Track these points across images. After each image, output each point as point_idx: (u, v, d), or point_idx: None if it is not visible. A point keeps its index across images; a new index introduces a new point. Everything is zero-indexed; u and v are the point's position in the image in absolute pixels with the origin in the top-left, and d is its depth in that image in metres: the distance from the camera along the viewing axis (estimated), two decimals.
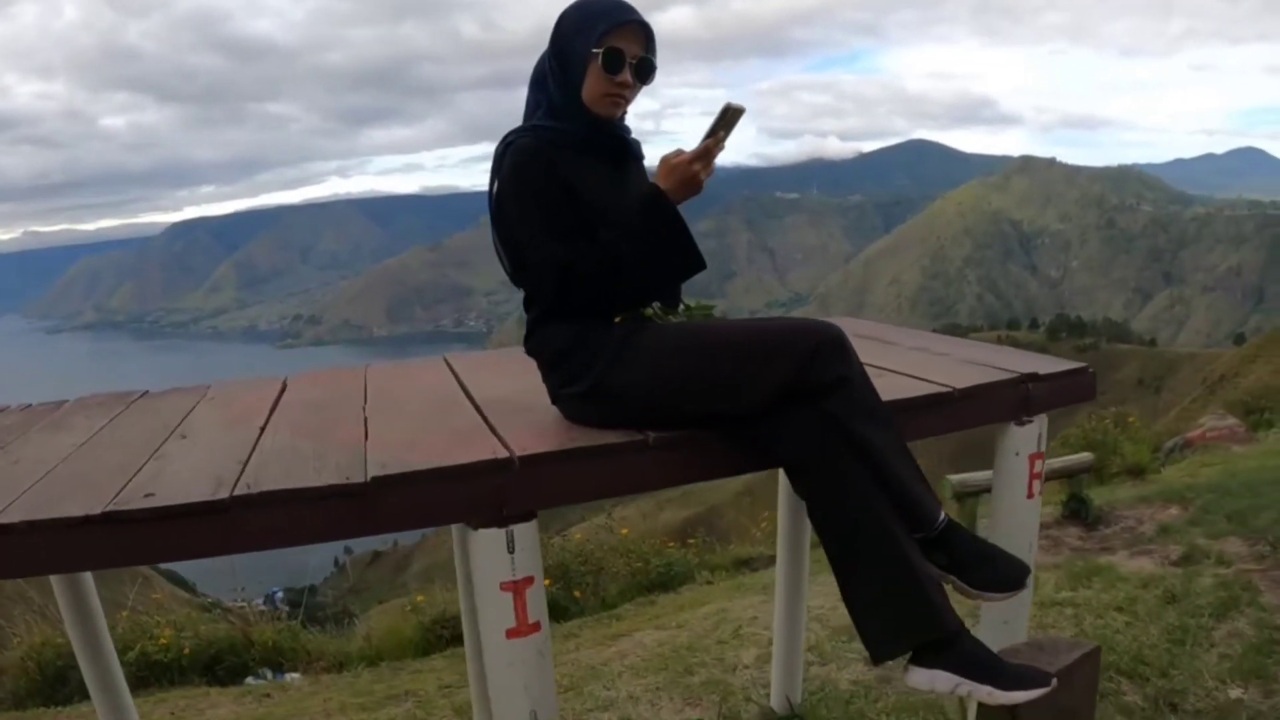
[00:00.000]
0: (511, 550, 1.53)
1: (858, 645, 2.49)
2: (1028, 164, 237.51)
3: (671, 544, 5.93)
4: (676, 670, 3.46)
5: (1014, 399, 2.02)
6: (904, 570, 1.60)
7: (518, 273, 1.84)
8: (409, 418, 2.00)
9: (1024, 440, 2.03)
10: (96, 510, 1.50)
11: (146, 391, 2.68)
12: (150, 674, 4.52)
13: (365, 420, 2.00)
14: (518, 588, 1.53)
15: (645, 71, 1.82)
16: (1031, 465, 2.05)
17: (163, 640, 4.59)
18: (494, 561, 1.53)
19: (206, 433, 2.05)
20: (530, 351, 1.89)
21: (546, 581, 4.69)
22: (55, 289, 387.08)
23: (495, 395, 2.13)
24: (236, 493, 1.52)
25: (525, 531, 1.55)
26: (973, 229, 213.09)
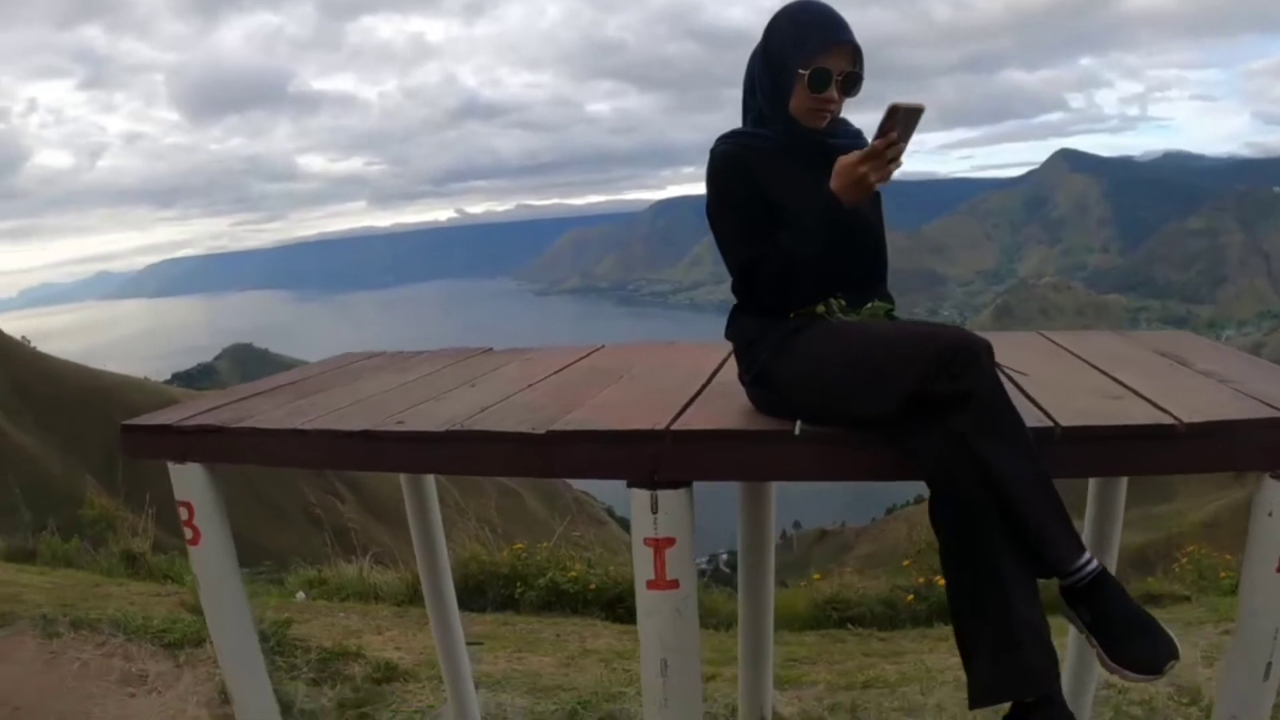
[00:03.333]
0: (655, 511, 1.70)
1: None
2: None
3: None
4: None
5: (1270, 444, 1.65)
6: (1003, 620, 1.52)
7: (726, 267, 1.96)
8: (645, 389, 2.21)
9: (1278, 497, 1.65)
10: (358, 428, 2.01)
11: (490, 349, 3.18)
12: (556, 600, 5.19)
13: (608, 387, 2.26)
14: (658, 545, 1.70)
15: (851, 85, 1.85)
16: None
17: (572, 573, 5.23)
18: (642, 518, 1.72)
19: (491, 384, 2.44)
20: (728, 338, 2.01)
21: (941, 580, 4.67)
22: (545, 256, 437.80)
23: (732, 378, 2.23)
24: (451, 429, 1.90)
25: (671, 497, 1.70)
26: None
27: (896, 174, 1.75)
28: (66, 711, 3.73)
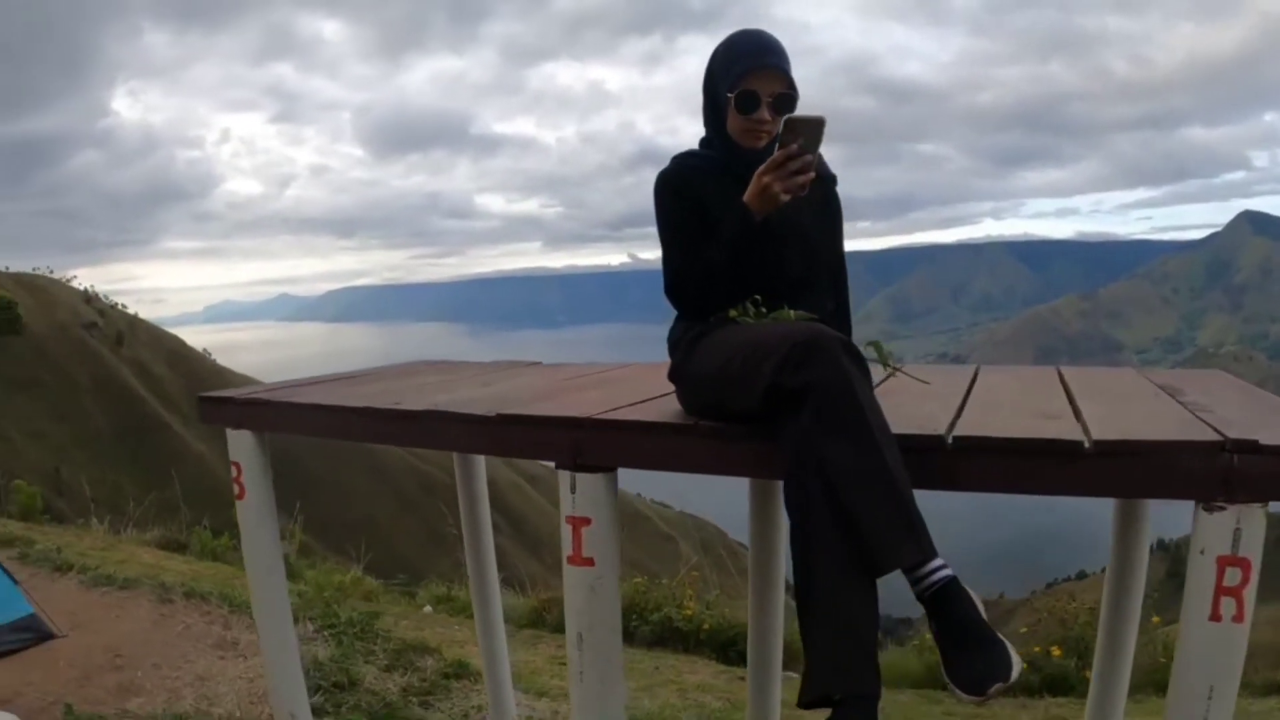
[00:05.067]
0: (573, 491, 1.85)
1: None
2: None
3: None
4: None
5: (1202, 473, 1.50)
6: (825, 617, 1.52)
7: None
8: (619, 392, 2.35)
9: (1212, 535, 1.49)
10: (361, 405, 2.35)
11: (539, 363, 3.43)
12: (667, 635, 5.33)
13: (591, 390, 2.44)
14: (575, 523, 1.85)
15: (783, 106, 1.92)
16: (1220, 573, 1.50)
17: (687, 611, 5.35)
18: (565, 498, 1.87)
19: (502, 385, 2.68)
20: (668, 342, 2.11)
21: (1056, 651, 4.49)
22: None
23: None
24: (423, 409, 2.19)
25: (588, 480, 1.85)
26: None
27: (1074, 234, 1.72)
28: (161, 663, 4.17)
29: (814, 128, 1.73)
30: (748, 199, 1.81)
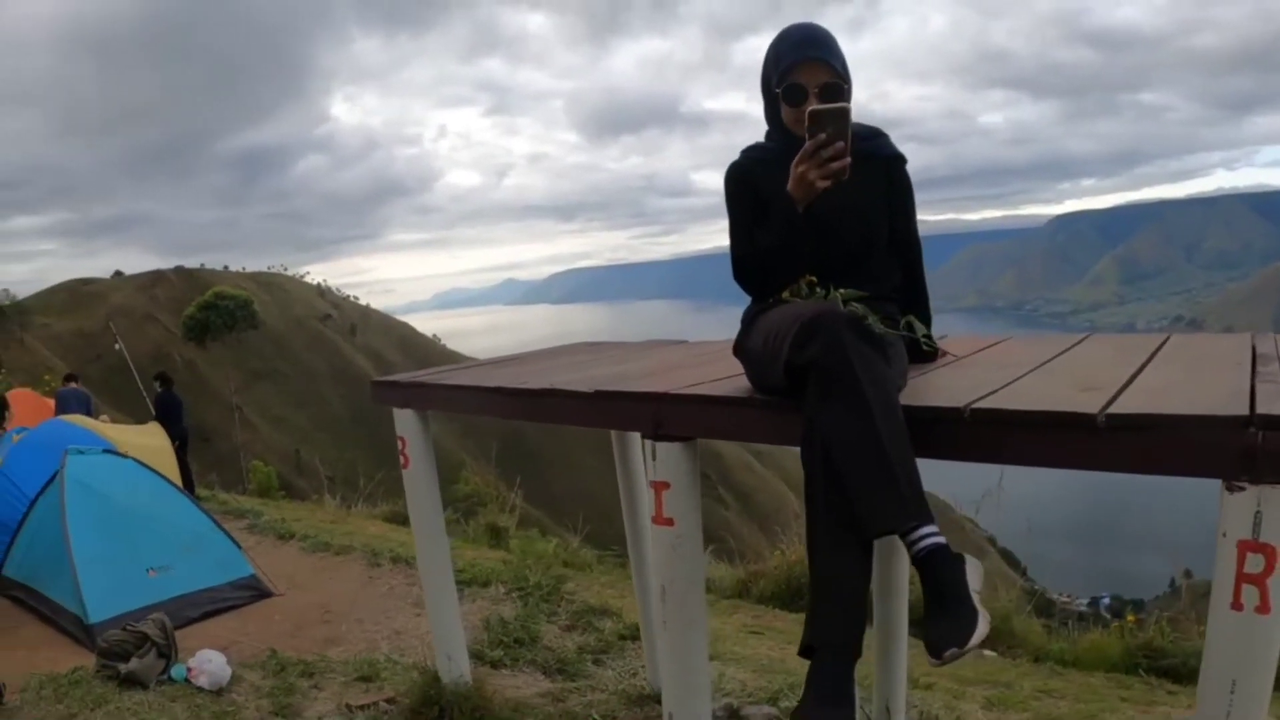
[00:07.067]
0: (654, 458, 2.08)
1: None
2: None
3: None
4: None
5: (1222, 449, 1.40)
6: (815, 575, 1.67)
7: None
8: (719, 369, 2.49)
9: (1234, 516, 1.38)
10: (493, 385, 2.73)
11: (684, 341, 3.70)
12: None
13: (701, 366, 2.64)
14: (656, 487, 2.08)
15: (832, 95, 2.01)
16: (1241, 559, 1.38)
17: None
18: (648, 463, 2.14)
19: (635, 363, 2.95)
20: None
21: None
22: (940, 272, 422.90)
23: None
24: (539, 387, 2.49)
25: (666, 448, 2.07)
26: None
27: None
28: (364, 618, 4.80)
29: (838, 117, 1.84)
30: (790, 189, 1.93)
